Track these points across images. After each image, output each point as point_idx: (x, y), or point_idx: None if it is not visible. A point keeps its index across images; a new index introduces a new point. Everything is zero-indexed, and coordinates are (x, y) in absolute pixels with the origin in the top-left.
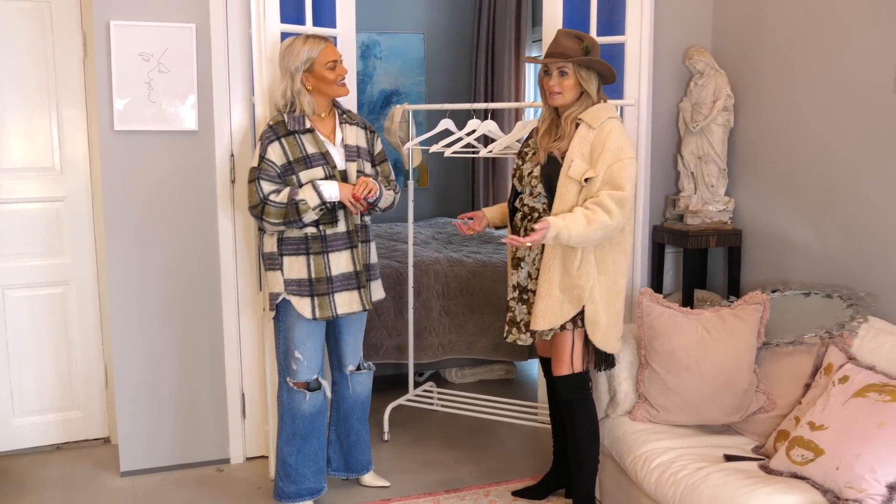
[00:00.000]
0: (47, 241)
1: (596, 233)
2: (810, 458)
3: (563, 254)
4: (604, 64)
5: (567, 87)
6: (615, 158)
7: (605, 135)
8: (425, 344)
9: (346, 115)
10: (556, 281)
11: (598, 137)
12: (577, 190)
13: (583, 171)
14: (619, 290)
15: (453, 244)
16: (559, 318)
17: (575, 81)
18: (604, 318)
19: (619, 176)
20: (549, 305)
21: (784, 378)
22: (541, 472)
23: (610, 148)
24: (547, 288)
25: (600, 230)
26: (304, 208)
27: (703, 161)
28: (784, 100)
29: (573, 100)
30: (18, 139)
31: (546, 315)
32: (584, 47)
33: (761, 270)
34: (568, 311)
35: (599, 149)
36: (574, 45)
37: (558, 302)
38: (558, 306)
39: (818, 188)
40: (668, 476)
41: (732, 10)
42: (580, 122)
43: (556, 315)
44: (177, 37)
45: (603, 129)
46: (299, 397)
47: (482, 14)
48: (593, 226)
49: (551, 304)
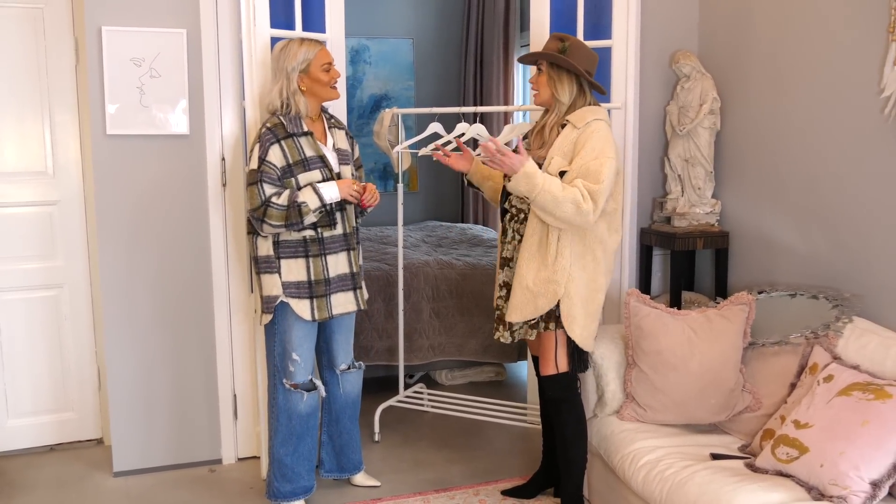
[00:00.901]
0: (40, 245)
1: (566, 205)
2: (795, 455)
3: (540, 246)
4: (573, 65)
5: (541, 83)
6: (594, 157)
7: (587, 135)
8: (415, 346)
9: (333, 120)
10: (532, 274)
11: (581, 137)
12: None
13: (559, 167)
14: (597, 287)
15: (443, 247)
16: (533, 312)
17: (547, 79)
18: (580, 315)
19: (597, 171)
20: (523, 298)
21: (770, 378)
22: (530, 471)
23: (590, 147)
24: (520, 281)
25: (571, 205)
26: (306, 210)
27: (690, 164)
28: (770, 102)
29: (549, 98)
30: (11, 143)
31: (519, 308)
32: (561, 47)
33: (748, 272)
34: (543, 305)
35: (580, 147)
36: (553, 45)
37: (532, 295)
38: (532, 300)
39: (804, 190)
40: (655, 474)
41: (718, 14)
42: (566, 122)
43: (530, 309)
44: (168, 42)
45: (587, 129)
46: (296, 398)
47: (471, 19)
48: (566, 195)
49: (525, 297)
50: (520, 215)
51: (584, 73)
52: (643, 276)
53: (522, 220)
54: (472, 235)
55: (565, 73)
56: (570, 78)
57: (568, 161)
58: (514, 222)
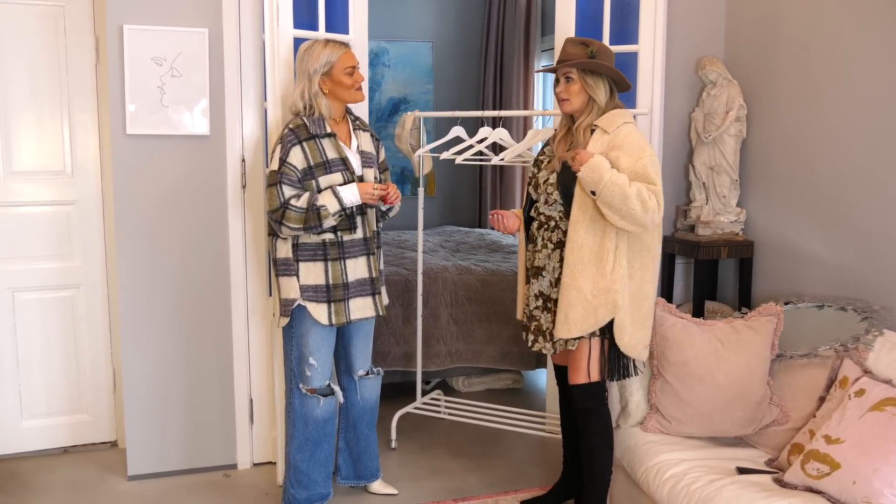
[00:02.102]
0: (58, 245)
1: (633, 201)
2: (826, 471)
3: (595, 255)
4: (609, 67)
5: (573, 92)
6: (636, 159)
7: (620, 139)
8: (433, 352)
9: (358, 122)
10: (589, 285)
11: (614, 142)
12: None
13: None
14: (644, 295)
15: (461, 252)
16: (593, 325)
17: (580, 87)
18: (629, 324)
19: (647, 173)
20: (583, 311)
21: (798, 391)
22: (549, 482)
23: (627, 150)
24: (576, 294)
25: (638, 201)
26: (325, 214)
27: (715, 171)
28: (798, 110)
29: (582, 105)
30: (30, 142)
31: (578, 322)
32: (589, 52)
33: (773, 282)
34: (603, 317)
35: (616, 152)
36: (579, 51)
37: (592, 308)
38: (592, 312)
39: (832, 199)
40: (681, 488)
41: (745, 20)
42: (595, 128)
43: (591, 321)
44: (189, 41)
45: (618, 134)
46: (312, 403)
47: (491, 23)
48: (633, 190)
49: (585, 310)
50: (549, 223)
51: (619, 73)
52: (665, 285)
53: (553, 227)
54: (491, 241)
55: (599, 77)
56: (603, 81)
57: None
58: (545, 230)
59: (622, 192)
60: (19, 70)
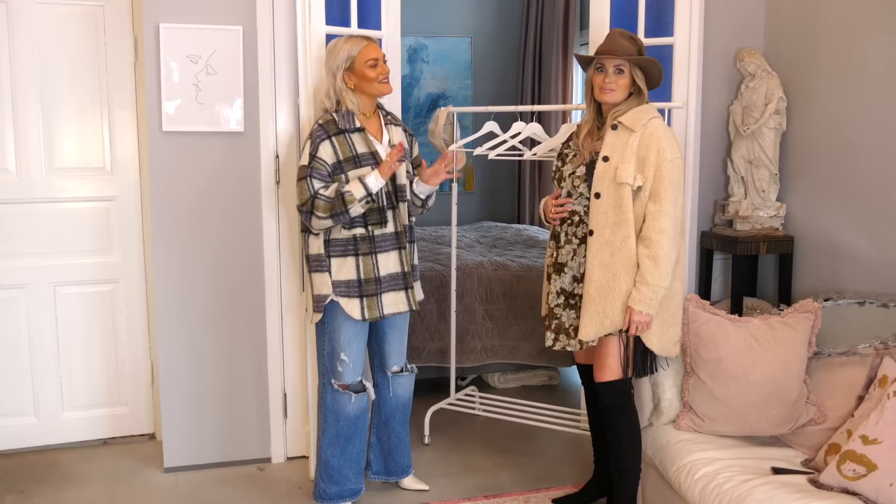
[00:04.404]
0: (98, 240)
1: (670, 258)
2: (863, 473)
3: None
4: (658, 66)
5: (621, 85)
6: (658, 162)
7: (647, 137)
8: (468, 348)
9: (390, 117)
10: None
11: (643, 140)
12: (627, 194)
13: (631, 176)
14: (671, 294)
15: (498, 248)
16: (610, 326)
17: (629, 81)
18: (657, 325)
19: (660, 184)
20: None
21: (836, 390)
22: (582, 479)
23: (654, 151)
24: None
25: (672, 252)
26: (350, 199)
27: (754, 165)
28: (839, 102)
29: (622, 99)
30: (72, 139)
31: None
32: (638, 48)
33: (814, 278)
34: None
35: (644, 151)
36: (630, 45)
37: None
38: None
39: (875, 193)
40: (713, 488)
41: (785, 11)
42: (618, 124)
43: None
44: (224, 39)
45: (646, 132)
46: (344, 399)
47: (529, 18)
48: (665, 255)
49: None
50: (574, 217)
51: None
52: (703, 281)
53: (578, 222)
54: (528, 237)
55: (642, 73)
56: (643, 76)
57: (636, 168)
58: (569, 225)
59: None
60: (61, 69)
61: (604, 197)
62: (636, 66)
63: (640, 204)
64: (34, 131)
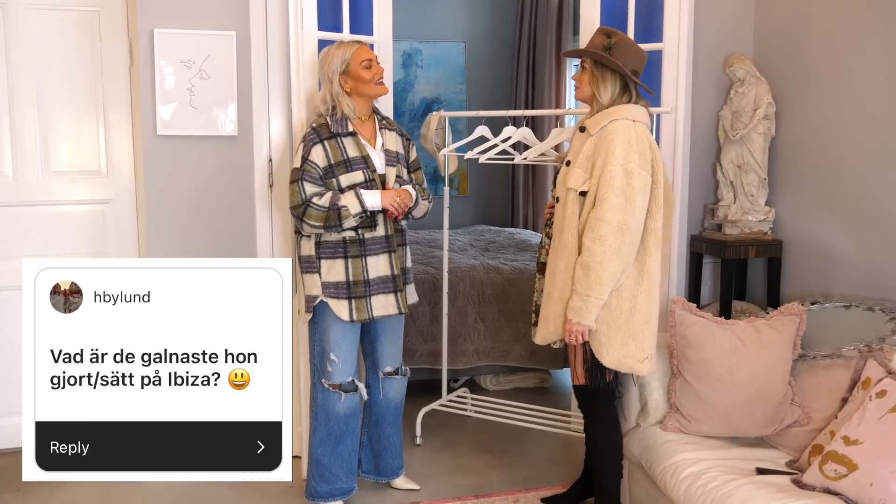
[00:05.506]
0: (94, 242)
1: (605, 267)
2: (844, 473)
3: (567, 262)
4: (615, 63)
5: (583, 80)
6: (603, 166)
7: (601, 140)
8: (460, 350)
9: (385, 121)
10: (558, 294)
11: (597, 143)
12: (573, 199)
13: (578, 181)
14: (635, 307)
15: (490, 251)
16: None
17: (589, 77)
18: (605, 339)
19: (601, 189)
20: (545, 315)
21: (821, 391)
22: (571, 480)
23: (602, 154)
24: (544, 298)
25: (610, 262)
26: (346, 214)
27: (743, 170)
28: (828, 108)
29: (590, 95)
30: (67, 143)
31: (545, 326)
32: (607, 43)
33: (802, 282)
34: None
35: (596, 155)
36: (598, 41)
37: (552, 312)
38: (552, 316)
39: (862, 199)
40: (697, 487)
41: (774, 17)
42: (584, 127)
43: (558, 328)
44: (218, 44)
45: (602, 134)
46: (334, 398)
47: (523, 23)
48: (596, 264)
49: (546, 313)
50: (552, 220)
51: (629, 73)
52: (693, 285)
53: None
54: (520, 240)
55: (609, 71)
56: (613, 77)
57: (587, 172)
58: (550, 227)
59: (600, 281)
60: (57, 73)
61: (561, 201)
62: (594, 63)
63: (588, 210)
64: (30, 135)
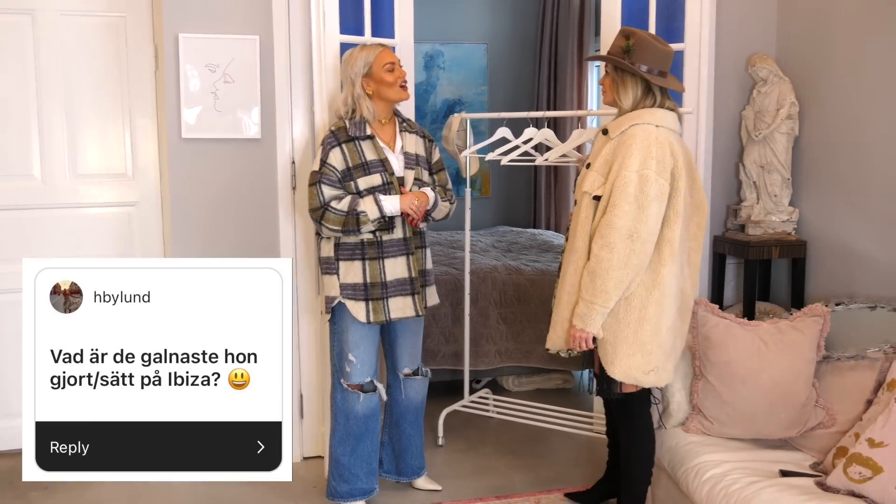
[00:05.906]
0: (120, 245)
1: (611, 275)
2: (868, 475)
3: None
4: (631, 67)
5: (606, 85)
6: (618, 171)
7: (619, 144)
8: (482, 351)
9: (406, 123)
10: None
11: (616, 147)
12: (587, 204)
13: (594, 185)
14: (645, 317)
15: (512, 252)
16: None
17: (611, 81)
18: (611, 348)
19: (613, 194)
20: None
21: (845, 393)
22: (593, 481)
23: (619, 159)
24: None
25: (617, 270)
26: (364, 220)
27: (766, 170)
28: (851, 107)
29: (612, 100)
30: (94, 146)
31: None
32: (625, 46)
33: (827, 283)
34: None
35: (613, 159)
36: (617, 43)
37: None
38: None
39: (887, 198)
40: (720, 489)
41: (797, 16)
42: (607, 130)
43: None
44: (241, 49)
45: (621, 138)
46: (353, 398)
47: (545, 24)
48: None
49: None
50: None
51: (648, 76)
52: (716, 286)
53: None
54: (542, 241)
55: (629, 75)
56: (634, 80)
57: (604, 176)
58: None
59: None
60: (85, 78)
61: (577, 205)
62: (614, 67)
63: (600, 215)
64: (58, 138)
